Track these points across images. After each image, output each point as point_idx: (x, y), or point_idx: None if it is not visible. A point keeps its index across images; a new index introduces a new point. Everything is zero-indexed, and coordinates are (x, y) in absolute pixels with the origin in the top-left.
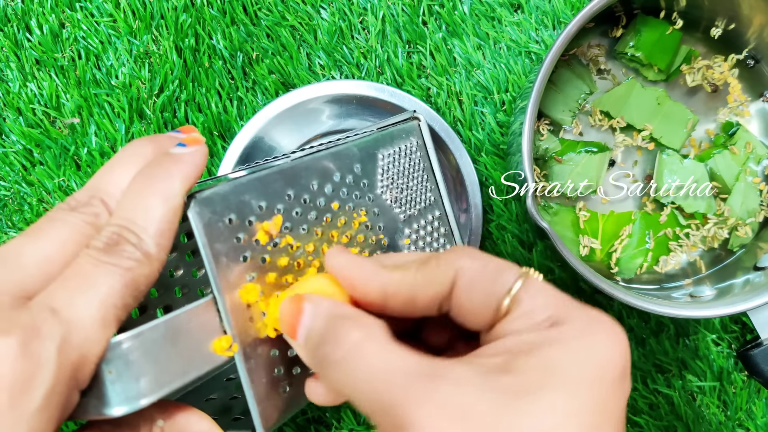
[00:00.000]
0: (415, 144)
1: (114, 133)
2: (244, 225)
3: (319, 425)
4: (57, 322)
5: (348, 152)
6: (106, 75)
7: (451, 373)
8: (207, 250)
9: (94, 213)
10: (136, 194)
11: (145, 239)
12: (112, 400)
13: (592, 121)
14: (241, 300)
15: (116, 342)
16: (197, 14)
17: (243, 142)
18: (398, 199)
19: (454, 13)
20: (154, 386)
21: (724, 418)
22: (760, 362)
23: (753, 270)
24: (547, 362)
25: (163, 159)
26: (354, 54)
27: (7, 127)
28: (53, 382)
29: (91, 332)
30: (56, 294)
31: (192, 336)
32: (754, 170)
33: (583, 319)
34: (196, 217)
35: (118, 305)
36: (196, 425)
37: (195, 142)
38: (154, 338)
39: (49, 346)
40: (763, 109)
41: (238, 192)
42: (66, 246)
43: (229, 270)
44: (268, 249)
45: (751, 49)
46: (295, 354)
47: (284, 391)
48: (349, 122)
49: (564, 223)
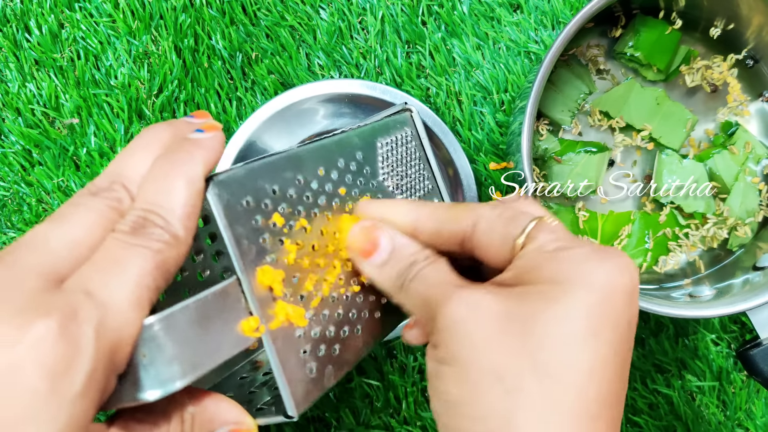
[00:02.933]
0: (409, 134)
1: (113, 134)
2: (260, 207)
3: (319, 425)
4: (93, 304)
5: (349, 140)
6: (105, 75)
7: (475, 286)
8: (228, 231)
9: (117, 198)
10: (160, 178)
11: (172, 221)
12: (146, 384)
13: (592, 121)
14: (261, 282)
15: (148, 324)
16: (196, 14)
17: (238, 144)
18: (400, 185)
19: (454, 13)
20: (187, 368)
21: (723, 418)
22: (760, 362)
23: (752, 270)
24: (553, 275)
25: (184, 143)
26: (353, 54)
27: (7, 128)
28: (93, 366)
29: (126, 314)
30: (89, 277)
31: (220, 317)
32: (754, 170)
33: (593, 247)
34: (215, 198)
35: (151, 287)
36: (225, 412)
37: (213, 128)
38: (184, 320)
39: (87, 329)
40: (762, 109)
41: (252, 176)
42: (92, 230)
43: (251, 251)
44: (284, 231)
45: (750, 49)
46: (318, 335)
47: (311, 372)
48: (342, 121)
49: (563, 222)
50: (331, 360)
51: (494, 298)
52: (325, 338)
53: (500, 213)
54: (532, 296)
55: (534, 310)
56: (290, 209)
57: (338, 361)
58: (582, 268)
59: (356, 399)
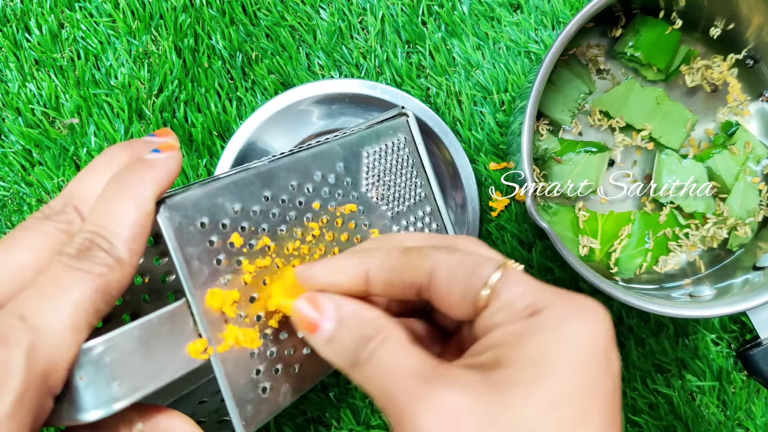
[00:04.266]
0: (402, 140)
1: (113, 134)
2: (217, 228)
3: (318, 425)
4: (26, 329)
5: (330, 151)
6: (105, 75)
7: (447, 375)
8: (178, 254)
9: (68, 220)
10: (108, 200)
11: (116, 244)
12: (86, 405)
13: (592, 121)
14: (210, 305)
15: (87, 348)
16: (196, 14)
17: (238, 145)
18: (385, 196)
19: (454, 13)
20: (128, 390)
21: (723, 418)
22: (760, 362)
23: (752, 270)
24: (530, 353)
25: (136, 164)
26: (353, 54)
27: (7, 128)
28: (22, 389)
29: (61, 338)
30: (27, 301)
31: (166, 339)
32: (754, 170)
33: (562, 303)
34: (165, 221)
35: (90, 311)
36: (177, 428)
37: (169, 147)
38: (126, 342)
39: (16, 353)
40: (762, 109)
41: (210, 195)
42: (40, 254)
43: (202, 273)
44: (243, 251)
45: (750, 48)
46: (275, 355)
47: (264, 392)
48: (342, 121)
49: (563, 223)
50: (289, 378)
51: (473, 401)
52: (284, 357)
53: (459, 261)
54: (516, 390)
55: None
56: (252, 227)
57: (298, 379)
58: (559, 337)
59: (356, 399)
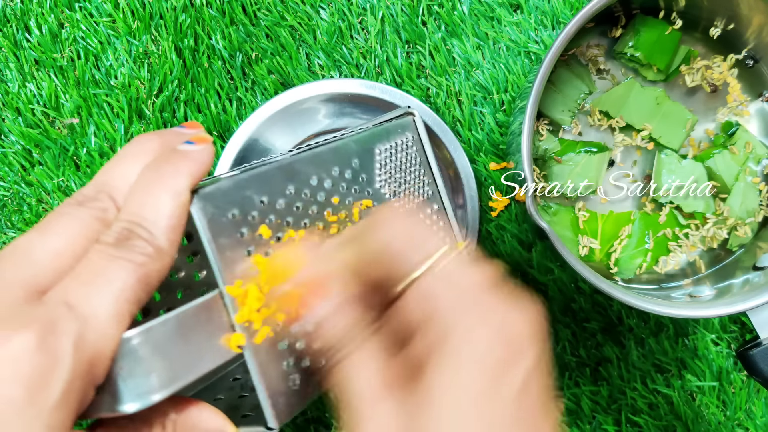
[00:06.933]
0: (410, 139)
1: (113, 134)
2: (246, 220)
3: (318, 425)
4: (73, 317)
5: (346, 148)
6: (105, 75)
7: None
8: (212, 245)
9: (102, 208)
10: (145, 189)
11: (156, 234)
12: (125, 397)
13: (592, 121)
14: (237, 295)
15: (127, 338)
16: (196, 14)
17: (238, 145)
18: (397, 193)
19: (454, 14)
20: (166, 382)
21: (723, 418)
22: (760, 362)
23: (752, 270)
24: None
25: (172, 155)
26: (353, 54)
27: (7, 128)
28: (71, 378)
29: (106, 328)
30: (70, 289)
31: (201, 330)
32: (754, 170)
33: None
34: (199, 212)
35: (132, 300)
36: (208, 420)
37: (203, 140)
38: (163, 333)
39: (65, 341)
40: (762, 109)
41: (239, 187)
42: (76, 240)
43: (234, 264)
44: (271, 243)
45: (750, 49)
46: (304, 347)
47: (294, 384)
48: (343, 121)
49: (563, 223)
50: (317, 371)
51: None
52: (311, 350)
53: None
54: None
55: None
56: (279, 220)
57: (324, 372)
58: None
59: None
